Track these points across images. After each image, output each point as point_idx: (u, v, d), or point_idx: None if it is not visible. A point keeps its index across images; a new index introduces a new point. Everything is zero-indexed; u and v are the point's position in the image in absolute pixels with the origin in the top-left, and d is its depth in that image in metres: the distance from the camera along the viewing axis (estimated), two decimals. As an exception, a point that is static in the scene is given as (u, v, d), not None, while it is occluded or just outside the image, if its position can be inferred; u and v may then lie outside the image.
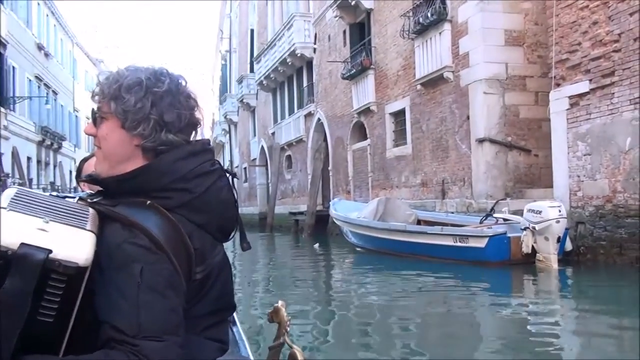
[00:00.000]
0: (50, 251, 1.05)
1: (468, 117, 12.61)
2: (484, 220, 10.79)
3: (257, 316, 6.53)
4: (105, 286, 1.12)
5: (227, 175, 1.33)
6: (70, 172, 39.52)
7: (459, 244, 9.58)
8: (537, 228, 8.72)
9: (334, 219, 14.68)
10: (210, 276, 1.25)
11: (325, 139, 21.94)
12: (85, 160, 2.64)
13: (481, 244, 9.18)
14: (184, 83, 1.30)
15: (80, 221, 1.16)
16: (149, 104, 1.22)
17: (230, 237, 1.35)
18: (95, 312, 1.13)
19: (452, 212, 12.78)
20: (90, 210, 1.22)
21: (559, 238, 8.70)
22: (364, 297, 8.51)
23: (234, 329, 1.70)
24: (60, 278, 1.06)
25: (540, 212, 8.70)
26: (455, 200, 13.10)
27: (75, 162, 39.46)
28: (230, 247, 13.12)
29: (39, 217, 1.11)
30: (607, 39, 9.16)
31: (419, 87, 14.52)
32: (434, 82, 13.86)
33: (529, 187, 12.13)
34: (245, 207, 34.23)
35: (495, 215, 10.00)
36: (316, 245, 15.87)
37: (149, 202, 1.20)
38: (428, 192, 14.39)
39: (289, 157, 26.65)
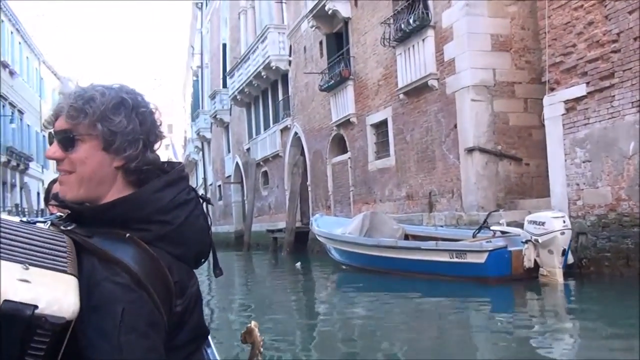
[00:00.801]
0: (36, 307, 0.99)
1: (455, 126, 12.08)
2: (477, 233, 10.25)
3: (232, 337, 6.15)
4: (84, 324, 1.06)
5: (202, 201, 1.29)
6: (38, 194, 38.32)
7: (455, 259, 8.96)
8: (540, 240, 8.14)
9: (317, 236, 14.00)
10: (189, 306, 1.21)
11: (302, 154, 21.31)
12: (54, 181, 2.51)
13: (480, 259, 8.56)
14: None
15: (60, 261, 1.09)
16: (138, 125, 1.20)
17: (203, 262, 1.31)
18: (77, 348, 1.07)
19: (442, 226, 12.20)
20: (67, 240, 1.15)
21: (563, 251, 8.13)
22: (349, 317, 7.99)
23: (208, 351, 1.62)
24: (45, 333, 1.00)
25: (543, 224, 8.13)
26: (444, 213, 12.53)
27: (43, 184, 38.36)
28: (204, 271, 12.52)
29: (18, 262, 1.03)
30: (605, 39, 8.70)
31: (401, 96, 13.99)
32: (417, 90, 13.33)
33: (521, 197, 11.63)
34: (221, 226, 33.43)
35: (492, 228, 9.40)
36: (298, 264, 15.18)
37: (128, 235, 1.15)
38: (414, 205, 13.81)
39: (265, 173, 25.96)
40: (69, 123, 1.18)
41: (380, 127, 15.53)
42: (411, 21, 12.92)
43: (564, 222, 8.15)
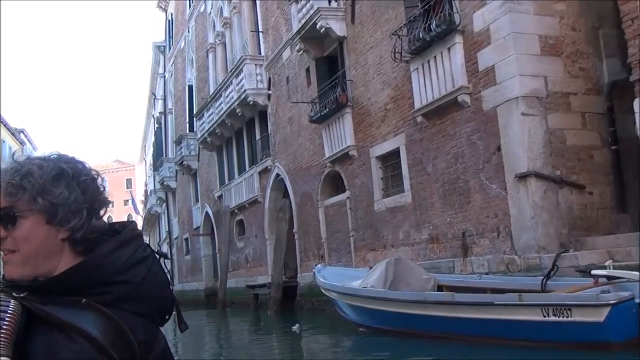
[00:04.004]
0: None
1: (499, 148, 9.76)
2: (547, 281, 7.84)
3: None
4: None
5: (159, 257, 1.21)
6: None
7: (552, 318, 6.43)
8: (688, 287, 5.73)
9: (323, 290, 11.35)
10: None
11: (286, 197, 18.75)
12: None
13: (598, 316, 6.05)
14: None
15: None
16: (80, 194, 1.14)
17: (168, 319, 1.22)
18: None
19: (486, 273, 9.73)
20: (13, 309, 1.00)
21: None
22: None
23: None
24: None
25: (693, 262, 5.73)
26: (485, 257, 10.07)
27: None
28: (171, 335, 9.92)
29: None
30: None
31: (419, 119, 11.67)
32: (442, 110, 11.03)
33: (587, 234, 9.28)
34: (188, 283, 30.36)
35: (594, 272, 6.93)
36: (295, 327, 12.39)
37: (84, 300, 1.07)
38: (440, 249, 11.32)
39: (240, 222, 23.22)
40: (8, 200, 1.12)
41: (390, 159, 13.15)
42: (434, 27, 10.71)
43: None
